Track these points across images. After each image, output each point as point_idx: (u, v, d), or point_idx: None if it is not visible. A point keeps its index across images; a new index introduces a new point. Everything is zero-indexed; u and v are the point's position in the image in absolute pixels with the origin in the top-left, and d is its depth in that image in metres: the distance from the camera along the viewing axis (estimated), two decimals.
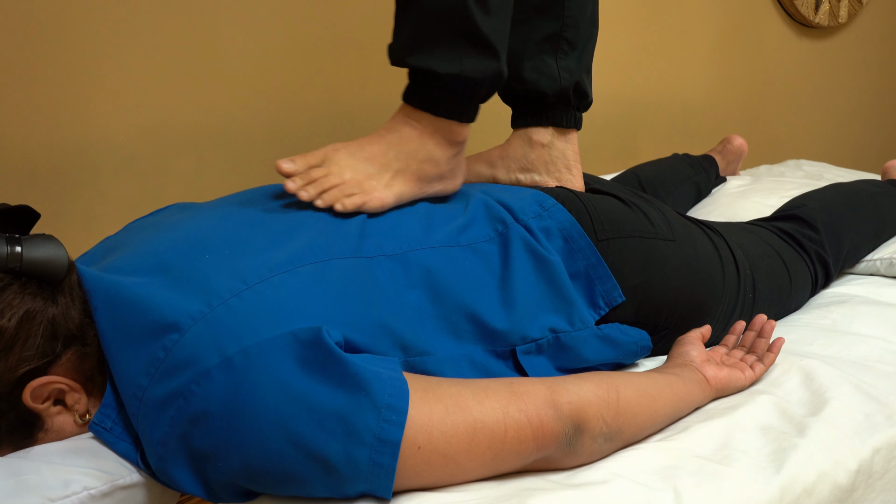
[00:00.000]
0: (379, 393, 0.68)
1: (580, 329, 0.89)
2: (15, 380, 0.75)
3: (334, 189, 0.90)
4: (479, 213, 0.94)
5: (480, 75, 0.92)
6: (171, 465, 0.71)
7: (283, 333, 0.70)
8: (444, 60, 0.91)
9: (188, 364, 0.70)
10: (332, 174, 0.91)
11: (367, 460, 0.67)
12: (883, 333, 1.06)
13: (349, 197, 0.90)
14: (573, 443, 0.74)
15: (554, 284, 0.89)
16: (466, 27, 0.90)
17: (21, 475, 0.72)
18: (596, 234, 0.96)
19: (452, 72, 0.90)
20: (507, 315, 0.85)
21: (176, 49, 1.49)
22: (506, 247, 0.90)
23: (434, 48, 0.91)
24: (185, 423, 0.69)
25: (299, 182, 0.90)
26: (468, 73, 0.91)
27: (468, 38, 0.90)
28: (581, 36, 1.13)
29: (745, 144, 1.89)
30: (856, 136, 3.04)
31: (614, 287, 0.93)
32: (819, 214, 1.24)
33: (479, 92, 0.94)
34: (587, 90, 1.15)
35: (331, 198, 0.89)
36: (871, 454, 0.80)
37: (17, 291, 0.75)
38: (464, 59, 0.91)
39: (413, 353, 0.79)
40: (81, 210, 1.43)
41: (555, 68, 1.12)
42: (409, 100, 0.94)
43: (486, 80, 0.93)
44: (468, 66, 0.91)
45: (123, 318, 0.75)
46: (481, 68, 0.92)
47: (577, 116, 1.15)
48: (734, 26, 2.50)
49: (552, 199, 0.98)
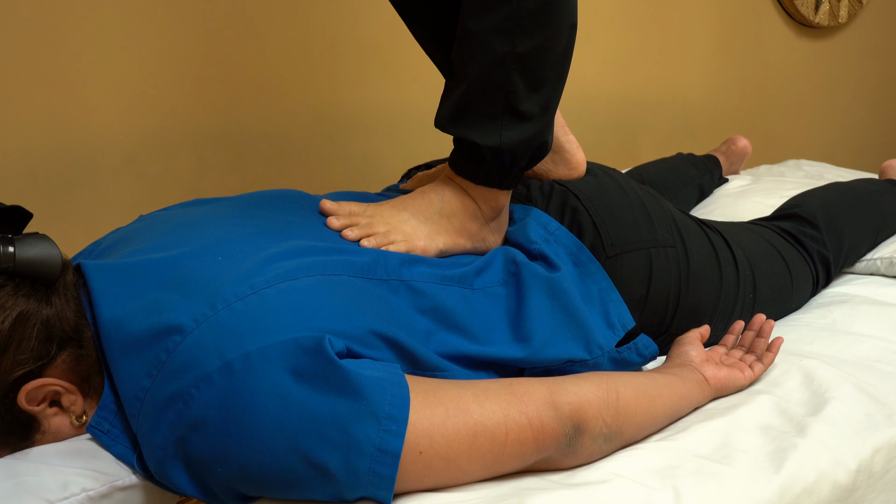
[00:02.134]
0: (379, 402, 0.67)
1: (598, 356, 0.88)
2: (9, 383, 0.74)
3: (378, 235, 0.89)
4: (498, 257, 0.93)
5: (522, 148, 0.91)
6: (170, 467, 0.71)
7: (285, 340, 0.69)
8: (484, 132, 0.90)
9: (189, 367, 0.69)
10: (377, 222, 0.91)
11: (367, 470, 0.67)
12: (883, 333, 1.06)
13: (393, 243, 0.89)
14: (573, 443, 0.74)
15: (569, 312, 0.89)
16: (510, 100, 0.89)
17: (19, 477, 0.72)
18: (605, 250, 0.96)
19: (491, 144, 0.90)
20: (521, 349, 0.85)
21: (176, 49, 1.49)
22: (518, 286, 0.89)
23: (475, 119, 0.90)
24: (185, 428, 0.69)
25: (344, 221, 0.90)
26: (507, 146, 0.90)
27: (510, 111, 0.89)
28: None
29: (750, 145, 1.88)
30: (856, 136, 3.03)
31: (626, 311, 0.94)
32: (819, 212, 1.24)
33: (518, 163, 0.93)
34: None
35: (377, 241, 0.89)
36: (872, 454, 0.80)
37: (11, 293, 0.74)
38: (503, 133, 0.90)
39: (424, 368, 0.78)
40: (81, 210, 1.43)
41: None
42: (453, 166, 0.95)
43: (526, 152, 0.92)
44: (507, 138, 0.90)
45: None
46: (522, 141, 0.90)
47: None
48: (734, 26, 2.50)
49: (556, 223, 0.97)
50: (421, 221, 0.93)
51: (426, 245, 0.91)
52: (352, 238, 0.88)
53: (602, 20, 2.16)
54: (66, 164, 1.40)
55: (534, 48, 0.88)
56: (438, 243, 0.93)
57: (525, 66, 0.88)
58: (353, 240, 0.88)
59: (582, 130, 2.22)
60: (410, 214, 0.93)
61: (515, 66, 0.88)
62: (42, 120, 1.37)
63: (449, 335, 0.83)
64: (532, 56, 0.88)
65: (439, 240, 0.93)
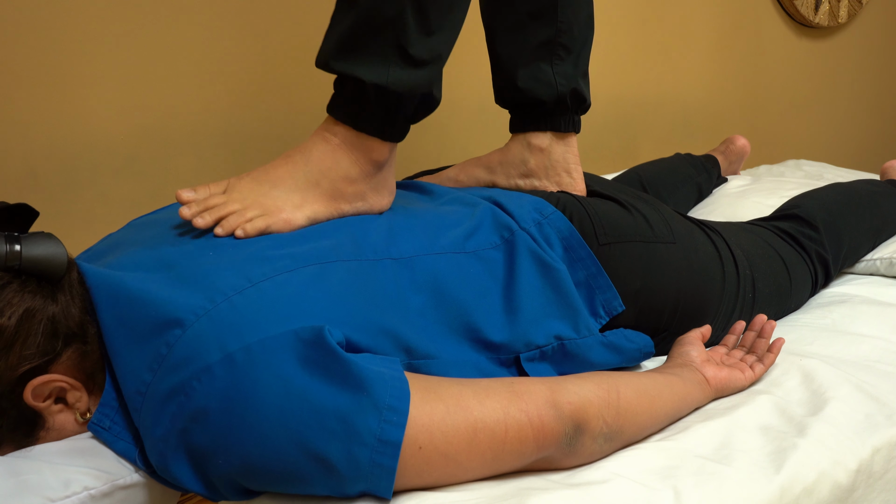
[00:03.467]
0: (380, 393, 0.68)
1: (586, 336, 0.89)
2: (16, 378, 0.75)
3: (233, 215, 0.84)
4: (486, 219, 0.93)
5: (407, 91, 0.86)
6: (172, 461, 0.71)
7: (285, 332, 0.70)
8: (370, 69, 0.85)
9: (190, 360, 0.70)
10: (232, 200, 0.86)
11: (368, 461, 0.67)
12: (883, 333, 1.06)
13: (250, 222, 0.84)
14: (573, 443, 0.74)
15: (560, 291, 0.89)
16: (400, 41, 0.85)
17: (21, 475, 0.72)
18: (597, 238, 0.96)
19: (378, 82, 0.85)
20: (510, 322, 0.85)
21: (176, 49, 1.49)
22: (511, 254, 0.89)
23: (362, 55, 0.85)
24: (186, 420, 0.69)
25: (195, 208, 0.85)
26: (394, 87, 0.85)
27: (400, 51, 0.85)
28: (577, 40, 1.11)
29: (748, 145, 1.88)
30: (856, 136, 3.03)
31: (614, 296, 0.93)
32: (819, 213, 1.24)
33: (403, 110, 0.88)
34: (585, 94, 1.14)
35: (230, 224, 0.83)
36: (872, 454, 0.80)
37: (17, 290, 0.75)
38: (391, 71, 0.85)
39: (417, 356, 0.79)
40: (81, 210, 1.43)
41: (551, 75, 1.10)
42: (332, 110, 0.90)
43: (412, 99, 0.88)
44: (395, 78, 0.85)
45: (126, 314, 0.76)
46: (410, 84, 0.86)
47: (576, 120, 1.14)
48: (734, 26, 2.50)
49: (551, 207, 0.97)
50: (284, 191, 0.87)
51: (290, 216, 0.86)
52: (202, 226, 0.83)
53: (602, 20, 2.16)
54: (66, 164, 1.40)
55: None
56: (306, 211, 0.87)
57: (421, 5, 0.84)
58: (204, 228, 0.83)
59: (582, 130, 2.22)
60: (272, 185, 0.87)
61: (410, 2, 0.83)
62: (42, 120, 1.37)
63: (442, 312, 0.83)
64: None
65: (307, 208, 0.88)
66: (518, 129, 1.15)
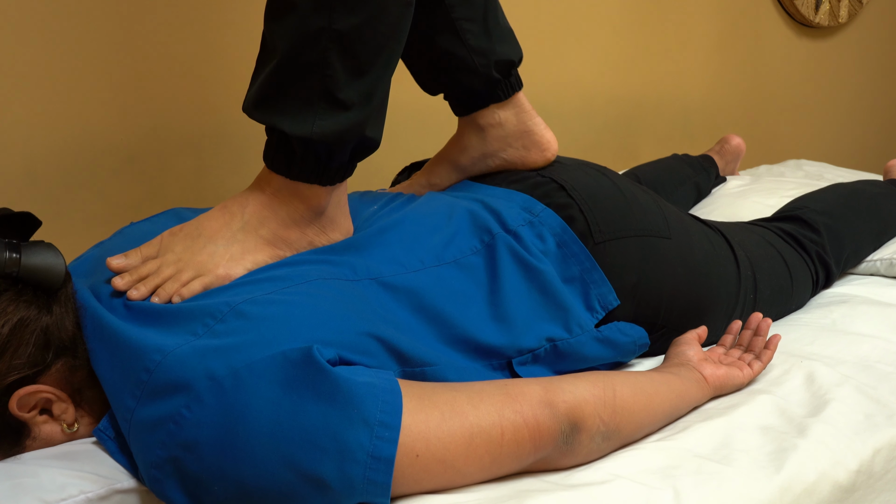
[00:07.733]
0: (370, 409, 0.67)
1: (578, 335, 0.88)
2: (3, 388, 0.74)
3: (168, 281, 0.80)
4: (464, 222, 0.92)
5: (336, 141, 0.80)
6: (167, 486, 0.71)
7: (273, 354, 0.69)
8: (294, 119, 0.79)
9: (176, 387, 0.69)
10: (166, 263, 0.81)
11: (362, 478, 0.67)
12: (883, 333, 1.06)
13: (186, 286, 0.79)
14: (570, 441, 0.74)
15: (546, 292, 0.89)
16: (327, 85, 0.78)
17: (17, 478, 0.72)
18: (592, 236, 0.95)
19: (302, 134, 0.79)
20: (499, 330, 0.85)
21: (177, 49, 1.49)
22: (493, 258, 0.88)
23: (285, 104, 0.79)
24: (178, 448, 0.69)
25: (128, 279, 0.80)
26: (320, 138, 0.79)
27: (327, 97, 0.78)
28: (476, 8, 1.01)
29: (743, 144, 1.88)
30: (856, 135, 3.03)
31: (609, 290, 0.93)
32: (820, 217, 1.24)
33: (337, 157, 0.82)
34: (510, 57, 1.04)
35: (166, 292, 0.79)
36: (872, 454, 0.80)
37: (13, 298, 0.75)
38: (317, 120, 0.79)
39: (414, 365, 0.78)
40: (81, 210, 1.43)
41: (468, 59, 1.01)
42: (265, 158, 0.85)
43: (344, 145, 0.81)
44: (321, 128, 0.79)
45: (110, 343, 0.76)
46: (338, 132, 0.80)
47: (512, 82, 1.05)
48: (734, 26, 2.49)
49: (541, 205, 0.96)
50: (221, 244, 0.82)
51: (227, 271, 0.81)
52: (137, 298, 0.78)
53: (602, 20, 2.16)
54: (66, 164, 1.40)
55: (355, 26, 0.77)
56: (246, 263, 0.83)
57: (345, 46, 0.78)
58: (138, 299, 0.78)
59: (581, 130, 2.23)
60: (207, 239, 0.83)
61: (334, 45, 0.77)
62: (42, 120, 1.37)
63: (430, 326, 0.83)
64: (353, 35, 0.77)
65: (248, 259, 0.83)
66: (460, 113, 1.09)
